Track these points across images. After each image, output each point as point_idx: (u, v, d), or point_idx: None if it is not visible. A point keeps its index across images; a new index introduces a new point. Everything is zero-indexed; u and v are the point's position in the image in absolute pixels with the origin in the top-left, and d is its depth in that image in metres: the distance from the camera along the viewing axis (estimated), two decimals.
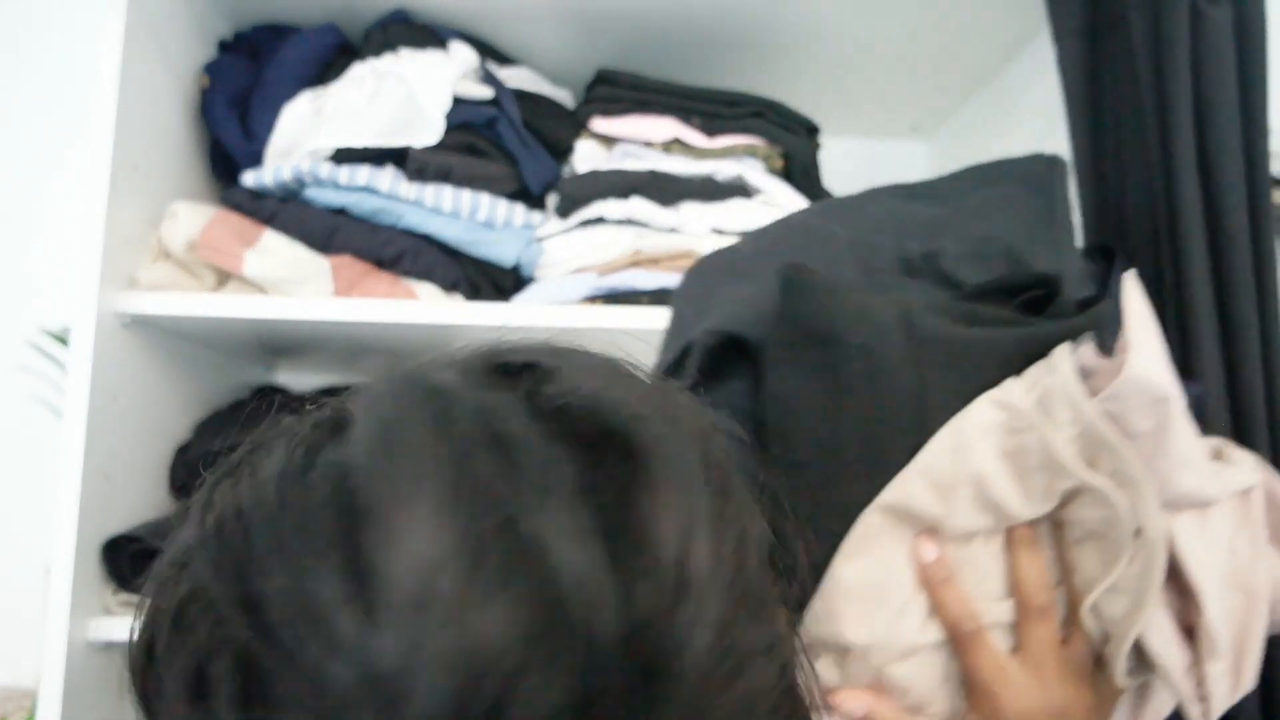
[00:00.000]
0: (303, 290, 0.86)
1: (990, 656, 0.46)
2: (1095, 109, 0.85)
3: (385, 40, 0.95)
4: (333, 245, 0.88)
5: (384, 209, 0.89)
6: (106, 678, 0.79)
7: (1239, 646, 0.46)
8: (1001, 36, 1.06)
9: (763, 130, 0.97)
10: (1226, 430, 0.72)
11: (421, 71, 0.91)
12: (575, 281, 0.91)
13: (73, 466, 0.74)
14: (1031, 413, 0.44)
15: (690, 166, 0.94)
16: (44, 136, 1.23)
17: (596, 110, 0.96)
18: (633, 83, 0.96)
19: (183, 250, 0.83)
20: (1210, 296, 0.73)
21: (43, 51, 1.25)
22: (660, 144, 0.95)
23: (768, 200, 0.94)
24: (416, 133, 0.90)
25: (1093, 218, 0.86)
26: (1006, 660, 0.46)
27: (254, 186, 0.90)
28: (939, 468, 0.44)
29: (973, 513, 0.44)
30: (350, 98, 0.91)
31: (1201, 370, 0.72)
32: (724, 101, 0.97)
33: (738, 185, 0.93)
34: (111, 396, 0.79)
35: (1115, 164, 0.83)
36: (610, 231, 0.92)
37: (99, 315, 0.77)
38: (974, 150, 1.23)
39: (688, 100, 0.96)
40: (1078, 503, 0.45)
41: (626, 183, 0.92)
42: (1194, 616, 0.45)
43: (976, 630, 0.46)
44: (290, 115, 0.92)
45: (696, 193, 0.92)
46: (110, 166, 0.78)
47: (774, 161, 0.97)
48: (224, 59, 0.96)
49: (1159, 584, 0.43)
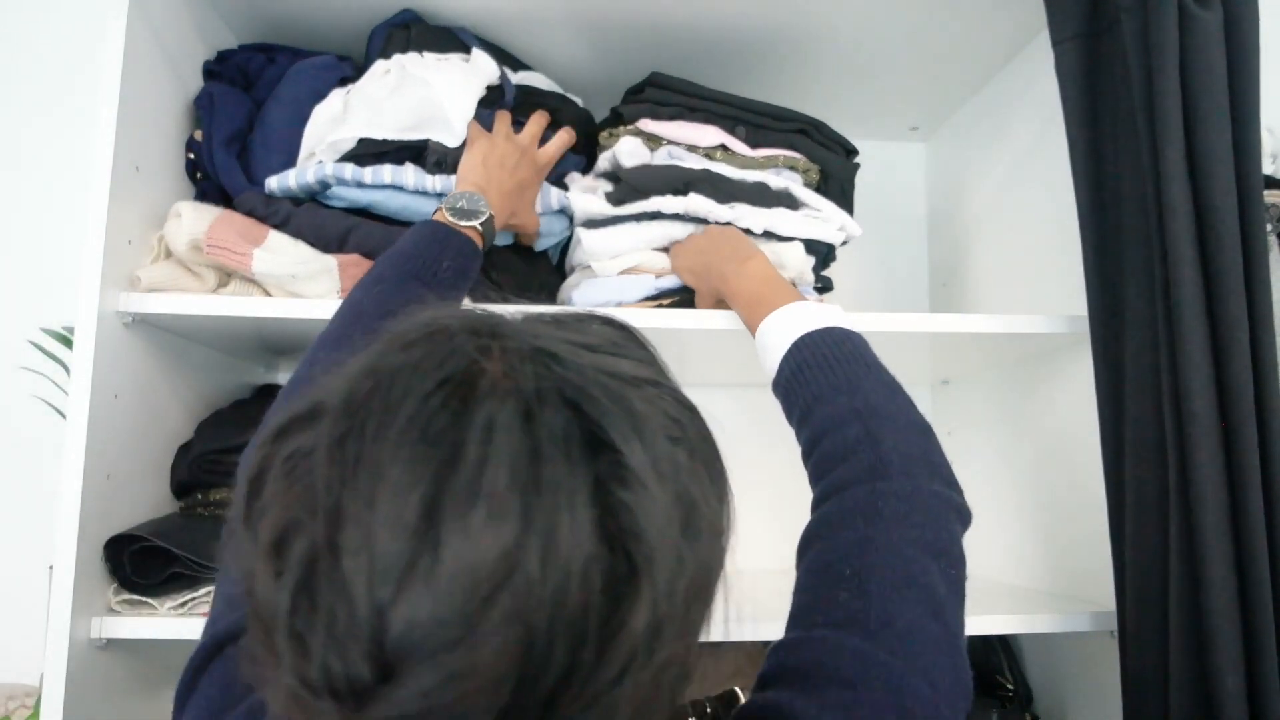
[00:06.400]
0: (310, 287, 0.86)
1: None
2: (1092, 111, 0.86)
3: (409, 40, 0.95)
4: (347, 246, 0.89)
5: (409, 206, 0.90)
6: (109, 675, 0.80)
7: None
8: (1001, 38, 1.06)
9: (805, 147, 0.99)
10: (1215, 427, 0.72)
11: (446, 79, 0.92)
12: (635, 282, 0.92)
13: (75, 465, 0.75)
14: None
15: (735, 173, 0.95)
16: (46, 137, 1.23)
17: (646, 111, 0.97)
18: (684, 88, 0.98)
19: (186, 250, 0.84)
20: (1199, 296, 0.73)
21: (45, 52, 1.25)
22: (705, 149, 0.96)
23: (813, 214, 0.96)
24: (436, 131, 0.90)
25: (1090, 218, 0.86)
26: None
27: (278, 190, 0.90)
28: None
29: None
30: (371, 91, 0.91)
31: (1189, 369, 0.73)
32: (772, 115, 0.99)
33: (786, 195, 0.95)
34: (113, 395, 0.80)
35: (1112, 165, 0.84)
36: (664, 227, 0.92)
37: (101, 315, 0.77)
38: (974, 150, 1.23)
39: (737, 110, 0.98)
40: None
41: (684, 178, 0.92)
42: None
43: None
44: (321, 114, 0.91)
45: (749, 196, 0.93)
46: (112, 167, 0.78)
47: (811, 176, 1.00)
48: (216, 92, 0.93)
49: None
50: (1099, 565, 0.87)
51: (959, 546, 0.53)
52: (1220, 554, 0.70)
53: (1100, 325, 0.85)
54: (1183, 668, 0.72)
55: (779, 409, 0.69)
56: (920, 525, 0.51)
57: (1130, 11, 0.77)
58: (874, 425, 0.57)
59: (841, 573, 0.48)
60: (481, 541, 0.28)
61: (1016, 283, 1.11)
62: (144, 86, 0.83)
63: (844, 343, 0.65)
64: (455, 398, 0.31)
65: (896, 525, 0.50)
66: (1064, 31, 0.86)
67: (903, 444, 0.56)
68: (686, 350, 0.99)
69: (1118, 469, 0.82)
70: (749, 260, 0.81)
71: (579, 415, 0.32)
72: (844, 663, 0.43)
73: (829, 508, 0.54)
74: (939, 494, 0.54)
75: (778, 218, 0.93)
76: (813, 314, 0.69)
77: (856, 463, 0.55)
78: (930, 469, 0.56)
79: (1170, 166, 0.73)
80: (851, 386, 0.61)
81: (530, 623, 0.28)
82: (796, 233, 0.94)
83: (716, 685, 1.01)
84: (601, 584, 0.29)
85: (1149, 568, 0.77)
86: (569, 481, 0.30)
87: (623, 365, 0.35)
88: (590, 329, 0.38)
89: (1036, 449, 1.05)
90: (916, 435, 0.58)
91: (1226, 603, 0.69)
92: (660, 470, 0.32)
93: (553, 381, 0.32)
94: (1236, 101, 0.73)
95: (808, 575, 0.51)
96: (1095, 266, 0.85)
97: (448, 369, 0.32)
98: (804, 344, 0.66)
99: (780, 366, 0.68)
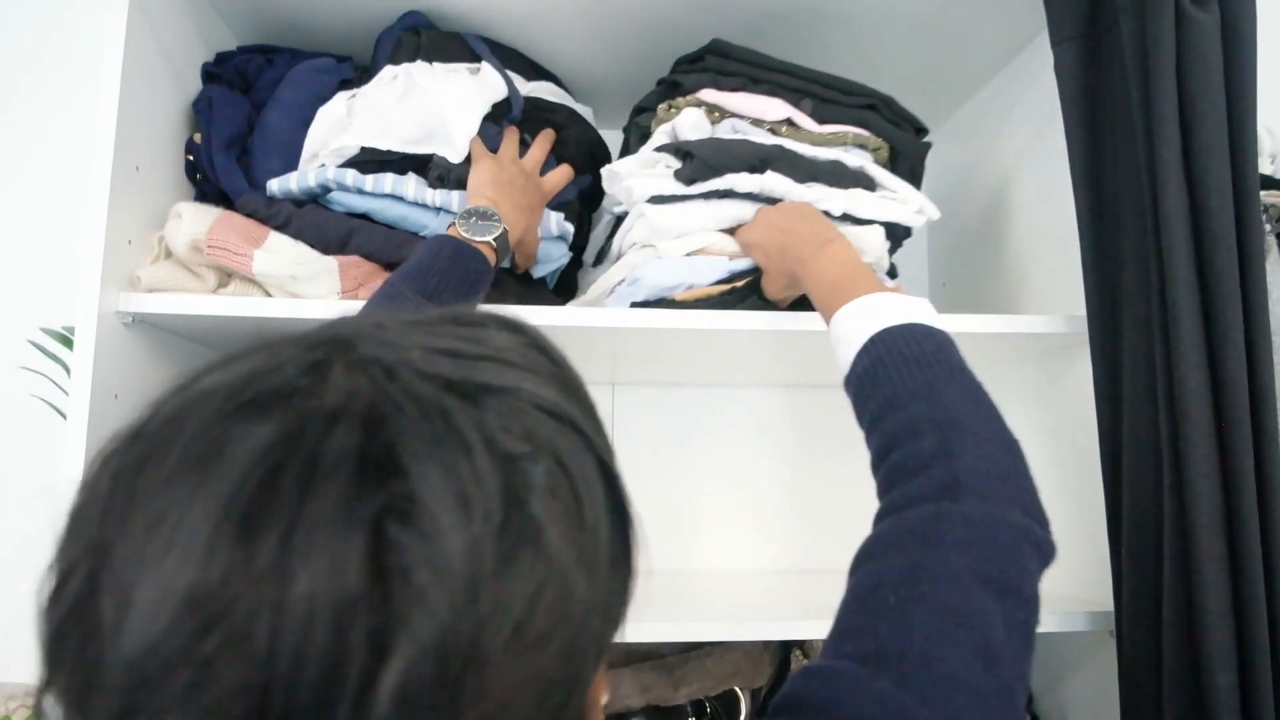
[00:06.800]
0: (311, 289, 0.86)
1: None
2: (1091, 112, 0.86)
3: (419, 48, 0.95)
4: (348, 249, 0.89)
5: (407, 216, 0.90)
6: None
7: None
8: (1001, 38, 1.06)
9: (874, 124, 0.94)
10: (1210, 427, 0.72)
11: (453, 95, 0.91)
12: (707, 264, 0.86)
13: (75, 465, 0.75)
14: None
15: (808, 150, 0.89)
16: (46, 137, 1.24)
17: (709, 81, 0.91)
18: (748, 57, 0.91)
19: (186, 250, 0.84)
20: (1195, 297, 0.73)
21: (45, 52, 1.25)
22: (770, 124, 0.90)
23: (889, 195, 0.90)
24: (440, 146, 0.90)
25: (1089, 218, 0.86)
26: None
27: (279, 192, 0.89)
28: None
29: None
30: (378, 98, 0.91)
31: (1184, 369, 0.73)
32: (841, 89, 0.93)
33: (863, 175, 0.89)
34: (113, 395, 0.80)
35: (1110, 165, 0.84)
36: (734, 207, 0.86)
37: (101, 315, 0.78)
38: (974, 150, 1.23)
39: (803, 82, 0.92)
40: None
41: (759, 155, 0.86)
42: None
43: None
44: (325, 117, 0.91)
45: (826, 175, 0.87)
46: (112, 167, 0.78)
47: (881, 154, 0.94)
48: (214, 95, 0.93)
49: None
50: (1098, 565, 0.87)
51: (1033, 586, 0.47)
52: (1213, 554, 0.70)
53: (1098, 325, 0.85)
54: (1176, 666, 0.72)
55: (767, 407, 0.67)
56: (987, 557, 0.45)
57: (1128, 13, 0.77)
58: (952, 438, 0.52)
59: (886, 600, 0.43)
60: (206, 573, 0.25)
61: (1016, 283, 1.11)
62: (144, 87, 0.83)
63: (926, 341, 0.59)
64: (241, 419, 0.27)
65: (958, 553, 0.45)
66: (1063, 32, 0.86)
67: (983, 462, 0.51)
68: (687, 349, 0.99)
69: (1115, 469, 0.82)
70: (831, 243, 0.75)
71: (373, 435, 0.27)
72: (863, 705, 0.39)
73: (887, 525, 0.49)
74: (1015, 523, 0.48)
75: (855, 199, 0.87)
76: (895, 306, 0.63)
77: (927, 480, 0.50)
78: (1011, 493, 0.50)
79: (1166, 167, 0.73)
80: (931, 392, 0.55)
81: (260, 665, 0.24)
82: (875, 215, 0.88)
83: (716, 685, 1.01)
84: (365, 634, 0.24)
85: (1144, 567, 0.77)
86: (336, 511, 0.25)
87: (479, 372, 0.30)
88: (479, 335, 0.33)
89: (1035, 448, 1.05)
90: (1000, 453, 0.53)
91: (1219, 602, 0.69)
92: (466, 501, 0.26)
93: (367, 397, 0.28)
94: (1233, 102, 0.73)
95: (852, 597, 0.46)
96: (1093, 266, 0.85)
97: (257, 387, 0.28)
98: (882, 339, 0.60)
99: (854, 362, 0.62)
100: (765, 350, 0.99)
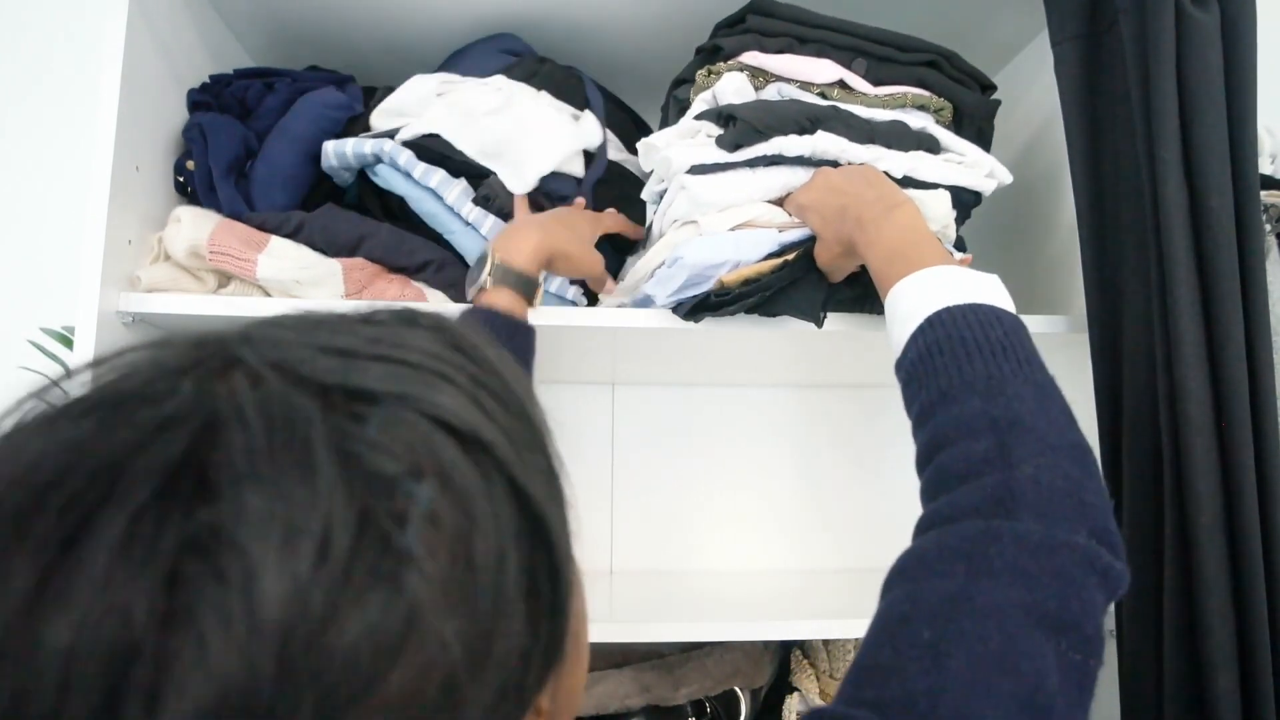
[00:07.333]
0: (315, 292, 0.86)
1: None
2: (1091, 111, 0.86)
3: (535, 73, 0.95)
4: (358, 254, 0.89)
5: (437, 215, 0.89)
6: None
7: None
8: (1001, 37, 1.06)
9: (935, 82, 0.85)
10: (1210, 427, 0.72)
11: (545, 128, 0.90)
12: (754, 238, 0.77)
13: None
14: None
15: (864, 112, 0.83)
16: (46, 137, 1.24)
17: (752, 43, 0.83)
18: (792, 14, 0.84)
19: (185, 256, 0.84)
20: (1195, 297, 0.73)
21: (45, 52, 1.25)
22: (819, 87, 0.83)
23: (955, 158, 0.83)
24: (505, 169, 0.89)
25: (1089, 217, 0.86)
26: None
27: (334, 157, 0.89)
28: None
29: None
30: (471, 100, 0.90)
31: (1184, 369, 0.73)
32: (897, 45, 0.85)
33: (927, 137, 0.82)
34: None
35: (1110, 165, 0.84)
36: (783, 174, 0.79)
37: (101, 315, 0.78)
38: None
39: (856, 40, 0.84)
40: None
41: (810, 114, 0.79)
42: None
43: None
44: (413, 86, 0.91)
45: (885, 136, 0.80)
46: (111, 167, 0.78)
47: (944, 115, 0.87)
48: (204, 122, 0.90)
49: None
50: None
51: (1095, 622, 0.40)
52: (1214, 553, 0.70)
53: (1099, 325, 0.85)
54: (1177, 667, 0.72)
55: (768, 407, 0.63)
56: (1043, 588, 0.39)
57: (1128, 12, 0.77)
58: (1012, 442, 0.45)
59: (919, 635, 0.37)
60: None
61: (1016, 282, 1.11)
62: (144, 86, 0.83)
63: (992, 325, 0.52)
64: (63, 420, 0.24)
65: (1009, 584, 0.39)
66: (1063, 32, 0.86)
67: (1046, 471, 0.44)
68: (687, 349, 0.99)
69: (1115, 468, 0.82)
70: (897, 208, 0.66)
71: (193, 451, 0.23)
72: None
73: (929, 540, 0.43)
74: (1080, 547, 0.41)
75: (919, 161, 0.79)
76: (961, 281, 0.55)
77: (979, 488, 0.44)
78: (1078, 511, 0.43)
79: (1166, 167, 0.73)
80: (991, 385, 0.48)
81: (33, 696, 0.21)
82: (941, 179, 0.80)
83: (716, 685, 1.01)
84: (140, 693, 0.21)
85: (1144, 567, 0.77)
86: (125, 541, 0.21)
87: (368, 376, 0.26)
88: (388, 333, 0.29)
89: None
90: (1068, 462, 0.45)
91: (1220, 602, 0.69)
92: (293, 533, 0.22)
93: (212, 405, 0.24)
94: (1233, 102, 0.73)
95: (880, 625, 0.40)
96: (1094, 266, 0.85)
97: (108, 388, 0.25)
98: (941, 320, 0.53)
99: (908, 344, 0.55)
100: (765, 350, 0.99)
